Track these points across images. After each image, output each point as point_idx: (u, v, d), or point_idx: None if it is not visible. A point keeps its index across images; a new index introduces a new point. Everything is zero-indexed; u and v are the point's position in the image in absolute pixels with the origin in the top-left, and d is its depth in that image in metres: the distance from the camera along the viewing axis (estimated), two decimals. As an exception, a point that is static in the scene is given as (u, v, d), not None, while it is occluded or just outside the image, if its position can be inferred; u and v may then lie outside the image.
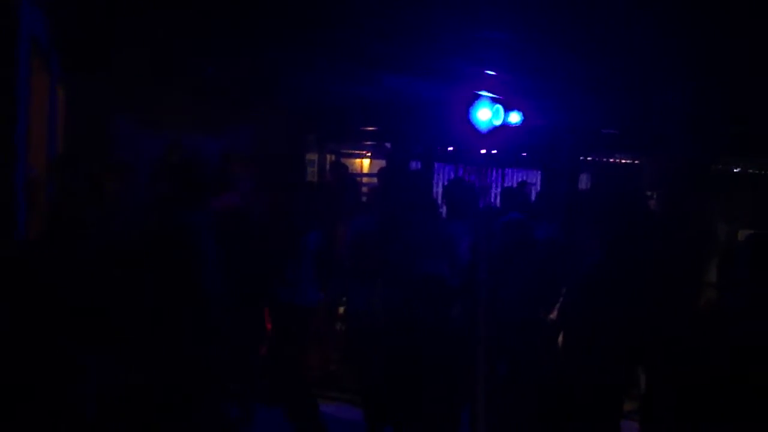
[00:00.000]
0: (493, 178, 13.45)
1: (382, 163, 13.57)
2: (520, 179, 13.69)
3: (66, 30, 5.87)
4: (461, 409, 5.05)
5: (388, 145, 13.07)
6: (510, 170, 13.75)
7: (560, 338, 4.69)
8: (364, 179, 13.46)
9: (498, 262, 5.61)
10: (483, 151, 12.01)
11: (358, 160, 14.29)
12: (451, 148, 12.68)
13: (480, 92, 6.91)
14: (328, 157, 13.17)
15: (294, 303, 6.56)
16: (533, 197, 10.25)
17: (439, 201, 10.76)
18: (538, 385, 4.66)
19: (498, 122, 6.91)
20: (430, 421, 4.94)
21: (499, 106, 6.90)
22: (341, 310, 7.19)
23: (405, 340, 4.85)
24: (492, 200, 11.84)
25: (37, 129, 5.34)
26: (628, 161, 14.38)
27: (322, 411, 5.87)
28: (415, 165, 12.62)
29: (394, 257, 5.67)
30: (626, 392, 4.31)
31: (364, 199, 8.13)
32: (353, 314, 6.65)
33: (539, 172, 12.99)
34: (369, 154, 14.46)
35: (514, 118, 7.34)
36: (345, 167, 10.93)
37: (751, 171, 14.70)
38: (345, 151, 13.80)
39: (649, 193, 9.54)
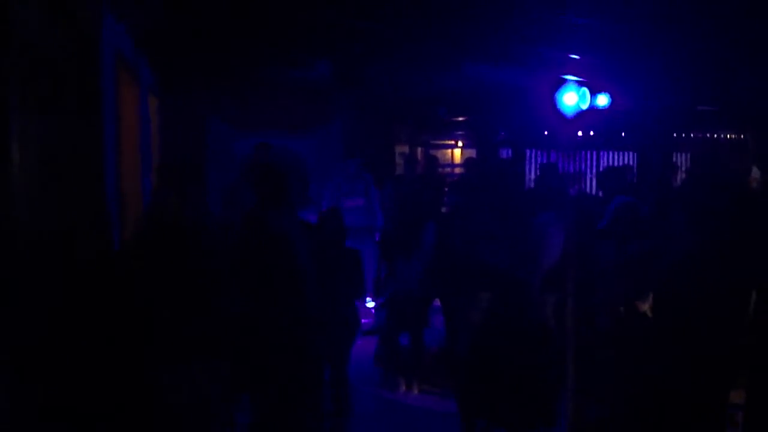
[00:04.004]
0: (587, 162, 13.14)
1: (473, 152, 13.47)
2: (617, 162, 13.33)
3: (152, 42, 6.03)
4: (556, 401, 4.95)
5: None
6: (605, 153, 13.39)
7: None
8: (456, 170, 13.39)
9: (597, 249, 5.47)
10: (579, 134, 11.75)
11: (449, 151, 14.20)
12: (546, 133, 12.46)
13: (565, 76, 6.73)
14: (419, 149, 13.15)
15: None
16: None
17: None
18: (635, 379, 4.51)
19: (585, 106, 6.69)
20: (525, 415, 4.86)
21: (586, 90, 6.68)
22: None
23: (493, 336, 4.79)
24: (587, 185, 11.57)
25: (129, 139, 5.51)
26: (732, 136, 13.78)
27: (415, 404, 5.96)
28: (506, 152, 12.46)
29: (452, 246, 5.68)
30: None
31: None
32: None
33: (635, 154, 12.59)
34: (460, 144, 14.35)
35: (602, 100, 7.09)
36: (435, 159, 10.90)
37: None
38: (435, 142, 13.74)
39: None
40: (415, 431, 6.01)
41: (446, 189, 8.64)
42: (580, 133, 11.87)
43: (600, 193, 7.73)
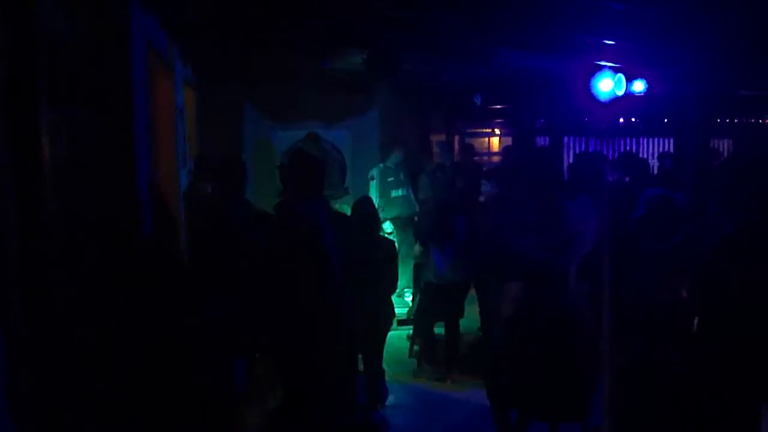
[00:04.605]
0: (628, 149, 12.97)
1: (510, 140, 13.38)
2: (658, 149, 13.15)
3: (186, 33, 6.07)
4: (591, 394, 4.89)
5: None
6: (644, 139, 13.21)
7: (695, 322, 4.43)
8: (494, 158, 13.32)
9: (633, 239, 5.40)
10: (621, 120, 11.59)
11: (486, 139, 14.12)
12: (586, 120, 12.33)
13: (601, 62, 6.64)
14: (456, 137, 13.09)
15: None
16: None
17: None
18: (673, 371, 4.44)
19: (620, 92, 6.61)
20: (558, 406, 4.82)
21: (621, 76, 6.60)
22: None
23: (527, 326, 4.75)
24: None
25: (163, 130, 5.56)
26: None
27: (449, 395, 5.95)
28: (543, 140, 12.34)
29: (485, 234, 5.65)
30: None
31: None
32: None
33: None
34: (498, 132, 14.26)
35: (638, 86, 7.01)
36: (471, 147, 10.85)
37: None
38: (472, 130, 13.66)
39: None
40: (449, 421, 6.00)
41: (482, 177, 8.59)
42: (621, 120, 11.72)
43: (626, 179, 7.66)
